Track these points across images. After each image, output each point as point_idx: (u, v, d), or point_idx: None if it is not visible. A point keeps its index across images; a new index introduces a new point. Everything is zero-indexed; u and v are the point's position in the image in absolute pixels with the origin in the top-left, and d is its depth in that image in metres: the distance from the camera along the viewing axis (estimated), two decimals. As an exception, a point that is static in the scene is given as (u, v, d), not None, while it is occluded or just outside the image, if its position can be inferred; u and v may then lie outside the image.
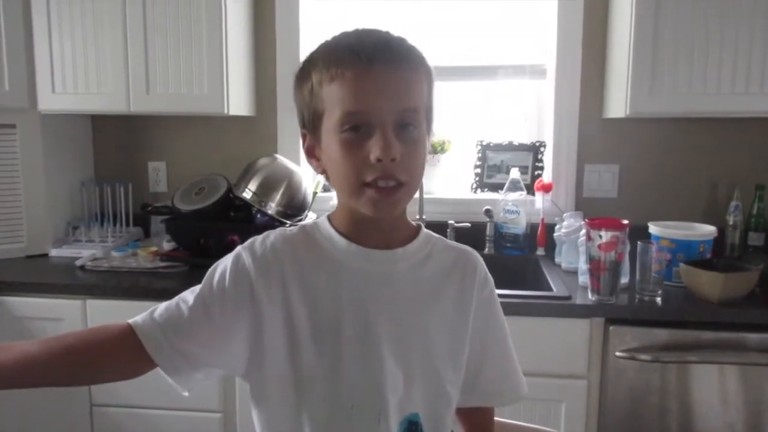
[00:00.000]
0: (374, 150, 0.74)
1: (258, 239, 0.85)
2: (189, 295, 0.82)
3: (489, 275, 0.93)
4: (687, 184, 2.21)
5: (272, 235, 0.86)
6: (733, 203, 2.08)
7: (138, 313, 0.83)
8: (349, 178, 0.77)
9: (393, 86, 0.75)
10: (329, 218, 0.87)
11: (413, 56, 0.79)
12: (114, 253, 2.08)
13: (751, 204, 2.10)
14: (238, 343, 0.81)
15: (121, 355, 0.80)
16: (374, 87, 0.74)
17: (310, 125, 0.82)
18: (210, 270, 0.84)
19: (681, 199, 2.20)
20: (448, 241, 0.93)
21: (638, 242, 1.71)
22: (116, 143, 2.44)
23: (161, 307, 0.82)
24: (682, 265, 1.73)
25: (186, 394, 0.83)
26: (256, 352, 0.82)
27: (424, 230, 0.90)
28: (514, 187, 2.21)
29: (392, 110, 0.75)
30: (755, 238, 2.11)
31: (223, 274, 0.82)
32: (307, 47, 2.29)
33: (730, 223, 2.08)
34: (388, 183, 0.76)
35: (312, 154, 0.84)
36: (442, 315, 0.86)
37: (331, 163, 0.80)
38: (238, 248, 0.84)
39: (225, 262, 0.83)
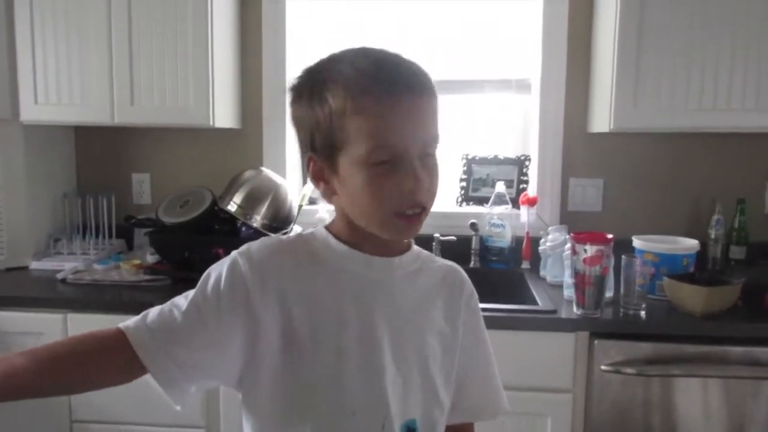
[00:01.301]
0: (406, 183, 0.75)
1: (254, 244, 0.83)
2: (182, 301, 0.80)
3: (475, 292, 0.94)
4: (670, 198, 2.23)
5: (269, 240, 0.85)
6: (714, 217, 2.11)
7: None
8: (380, 209, 0.78)
9: (421, 117, 0.77)
10: (327, 229, 0.87)
11: (430, 82, 0.79)
12: (96, 266, 2.06)
13: (732, 218, 2.13)
14: (233, 351, 0.79)
15: (112, 363, 0.77)
16: (404, 120, 0.75)
17: (324, 151, 0.79)
18: (204, 275, 0.82)
19: (664, 213, 2.23)
20: (436, 257, 0.94)
21: (622, 256, 1.72)
22: (99, 154, 2.42)
23: (153, 312, 0.80)
24: (665, 278, 1.74)
25: (179, 408, 0.80)
26: (252, 360, 0.80)
27: (415, 246, 0.91)
28: (500, 200, 2.22)
29: (420, 141, 0.76)
30: (737, 252, 2.13)
31: (218, 280, 0.80)
32: (293, 60, 2.30)
33: (712, 236, 2.10)
34: (415, 210, 0.77)
35: (321, 177, 0.82)
36: (435, 324, 0.87)
37: (355, 193, 0.78)
38: (234, 253, 0.82)
39: (220, 268, 0.81)
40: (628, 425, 1.66)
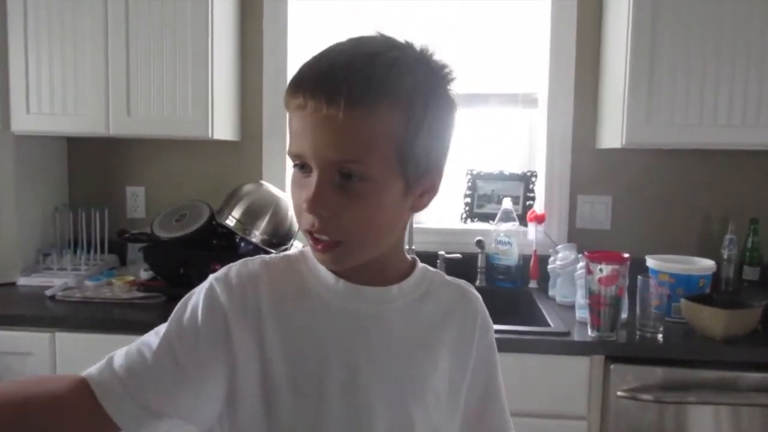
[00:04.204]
0: (307, 196, 0.66)
1: (233, 267, 0.74)
2: (153, 338, 0.70)
3: (489, 319, 0.84)
4: (680, 216, 2.17)
5: (250, 263, 0.75)
6: (727, 236, 2.05)
7: (111, 348, 0.72)
8: (296, 217, 0.71)
9: (322, 130, 0.64)
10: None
11: (370, 88, 0.63)
12: (87, 283, 1.97)
13: (745, 238, 2.07)
14: (211, 390, 0.70)
15: (73, 416, 0.66)
16: (308, 128, 0.65)
17: None
18: (178, 306, 0.72)
19: (674, 232, 2.17)
20: (446, 276, 0.84)
21: (638, 277, 1.66)
22: (93, 167, 2.34)
23: (119, 355, 0.70)
24: (683, 300, 1.67)
25: None
26: (230, 398, 0.71)
27: (421, 265, 0.80)
28: (507, 217, 2.15)
29: (323, 156, 0.64)
30: (750, 273, 2.07)
31: (194, 311, 0.70)
32: (294, 68, 2.23)
33: (725, 256, 2.04)
34: (321, 237, 0.68)
35: None
36: (441, 361, 0.76)
37: None
38: (210, 278, 0.73)
39: (195, 297, 0.72)
40: (645, 454, 1.59)
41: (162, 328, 0.71)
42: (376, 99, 0.64)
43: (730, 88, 1.81)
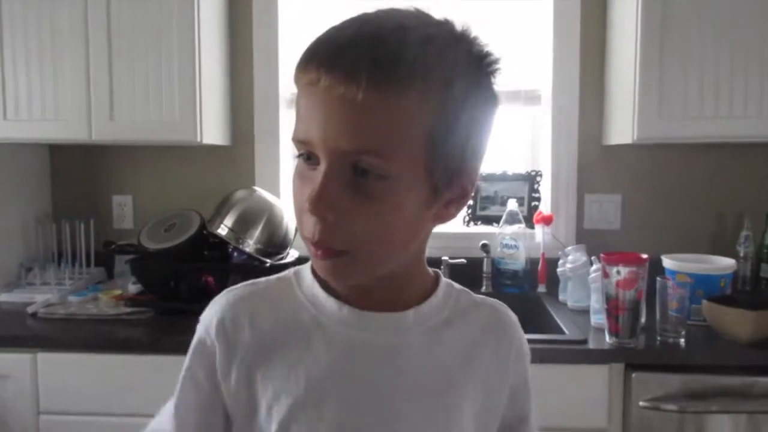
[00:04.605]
0: (310, 193, 0.54)
1: (216, 305, 0.66)
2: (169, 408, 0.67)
3: (526, 347, 0.73)
4: (693, 213, 2.08)
5: (232, 296, 0.66)
6: (743, 233, 1.97)
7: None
8: (295, 217, 0.59)
9: (338, 114, 0.52)
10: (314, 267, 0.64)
11: (399, 67, 0.52)
12: (71, 298, 1.86)
13: (762, 234, 1.98)
14: None
15: None
16: (319, 109, 0.54)
17: None
18: (183, 372, 0.67)
19: (687, 230, 2.08)
20: (474, 294, 0.70)
21: (657, 278, 1.57)
22: (77, 175, 2.23)
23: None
24: (705, 302, 1.58)
25: None
26: None
27: (444, 281, 0.68)
28: (512, 219, 2.06)
29: (334, 144, 0.53)
30: (768, 271, 1.99)
31: (191, 372, 0.65)
32: (288, 71, 2.14)
33: (741, 254, 1.96)
34: (322, 245, 0.57)
35: None
36: (467, 403, 0.65)
37: None
38: (198, 326, 0.67)
39: (190, 356, 0.66)
40: (670, 468, 1.49)
41: (171, 405, 0.67)
42: (406, 80, 0.52)
43: (746, 76, 1.72)
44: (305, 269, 0.66)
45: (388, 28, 0.54)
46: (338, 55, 0.52)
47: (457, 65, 0.55)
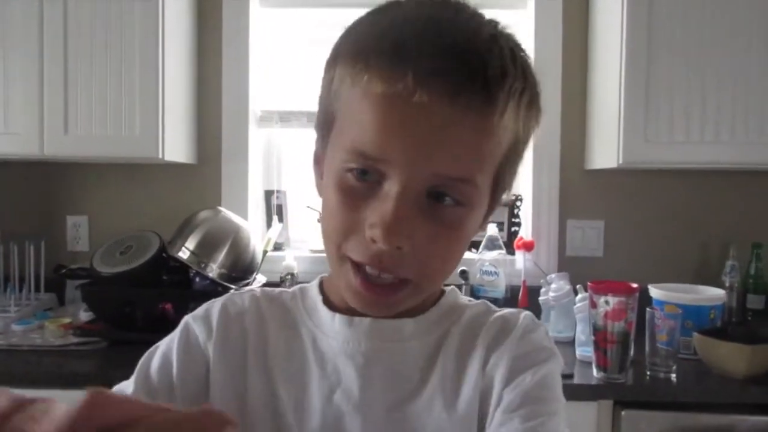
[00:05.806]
0: (371, 220, 0.47)
1: (217, 302, 0.62)
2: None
3: (541, 338, 0.60)
4: (678, 241, 2.02)
5: (238, 297, 0.63)
6: (729, 263, 1.91)
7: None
8: (333, 237, 0.50)
9: (438, 135, 0.46)
10: (322, 282, 0.62)
11: (504, 84, 0.46)
12: (15, 327, 1.70)
13: (748, 264, 1.92)
14: None
15: None
16: (408, 125, 0.46)
17: (322, 127, 0.54)
18: (143, 358, 0.61)
19: (671, 259, 2.01)
20: (492, 306, 0.64)
21: (647, 309, 1.48)
22: (27, 193, 2.09)
23: None
24: (696, 335, 1.50)
25: None
26: None
27: (450, 292, 0.62)
28: (492, 245, 1.96)
29: (424, 173, 0.47)
30: (755, 301, 1.92)
31: (166, 360, 0.59)
32: (258, 85, 2.04)
33: (726, 284, 1.89)
34: (381, 276, 0.49)
35: (316, 162, 0.58)
36: (459, 407, 0.58)
37: (324, 199, 0.53)
38: (186, 318, 0.62)
39: (166, 344, 0.61)
40: None
41: (128, 388, 0.59)
42: (504, 101, 0.47)
43: (734, 99, 1.67)
44: (312, 288, 0.63)
45: (478, 35, 0.48)
46: (440, 68, 0.45)
47: (534, 80, 0.52)
